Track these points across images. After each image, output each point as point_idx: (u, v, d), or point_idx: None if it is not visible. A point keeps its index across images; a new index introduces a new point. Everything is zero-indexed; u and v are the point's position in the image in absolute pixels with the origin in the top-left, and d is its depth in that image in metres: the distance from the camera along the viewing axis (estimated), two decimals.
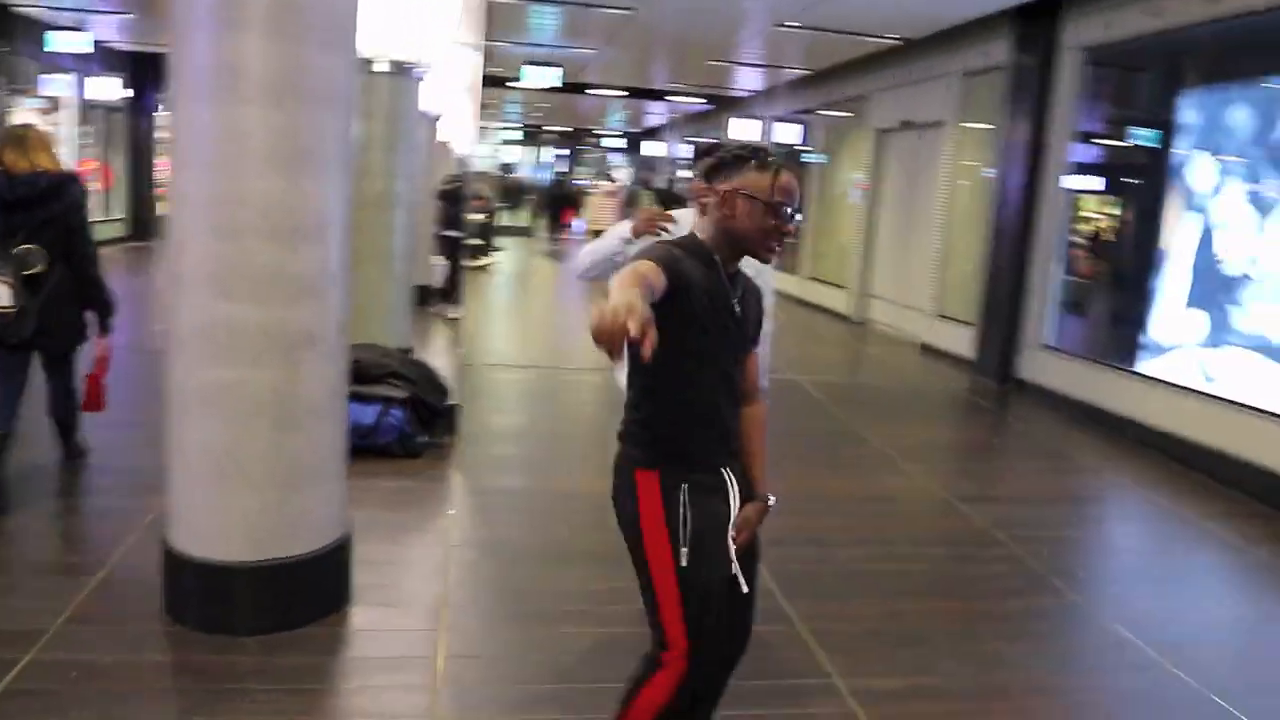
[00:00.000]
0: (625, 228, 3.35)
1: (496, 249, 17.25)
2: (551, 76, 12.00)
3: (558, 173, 31.09)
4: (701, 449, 2.33)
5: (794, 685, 3.35)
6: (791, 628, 3.77)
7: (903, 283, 11.59)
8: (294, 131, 3.15)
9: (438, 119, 10.20)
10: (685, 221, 3.16)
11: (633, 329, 1.66)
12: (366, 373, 5.40)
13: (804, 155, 15.59)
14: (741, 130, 16.19)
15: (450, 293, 10.27)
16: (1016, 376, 8.87)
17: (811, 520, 4.92)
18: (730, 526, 2.33)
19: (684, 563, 2.27)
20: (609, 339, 1.66)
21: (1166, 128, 7.62)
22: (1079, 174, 8.58)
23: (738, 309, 2.32)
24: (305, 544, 3.39)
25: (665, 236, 3.05)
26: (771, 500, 2.46)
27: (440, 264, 10.54)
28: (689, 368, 2.26)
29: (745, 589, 2.38)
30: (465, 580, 4.00)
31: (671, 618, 2.31)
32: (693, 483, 2.29)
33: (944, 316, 10.47)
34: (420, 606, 3.74)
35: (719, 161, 2.30)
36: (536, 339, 10.84)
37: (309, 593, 3.46)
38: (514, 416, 6.91)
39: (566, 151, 32.68)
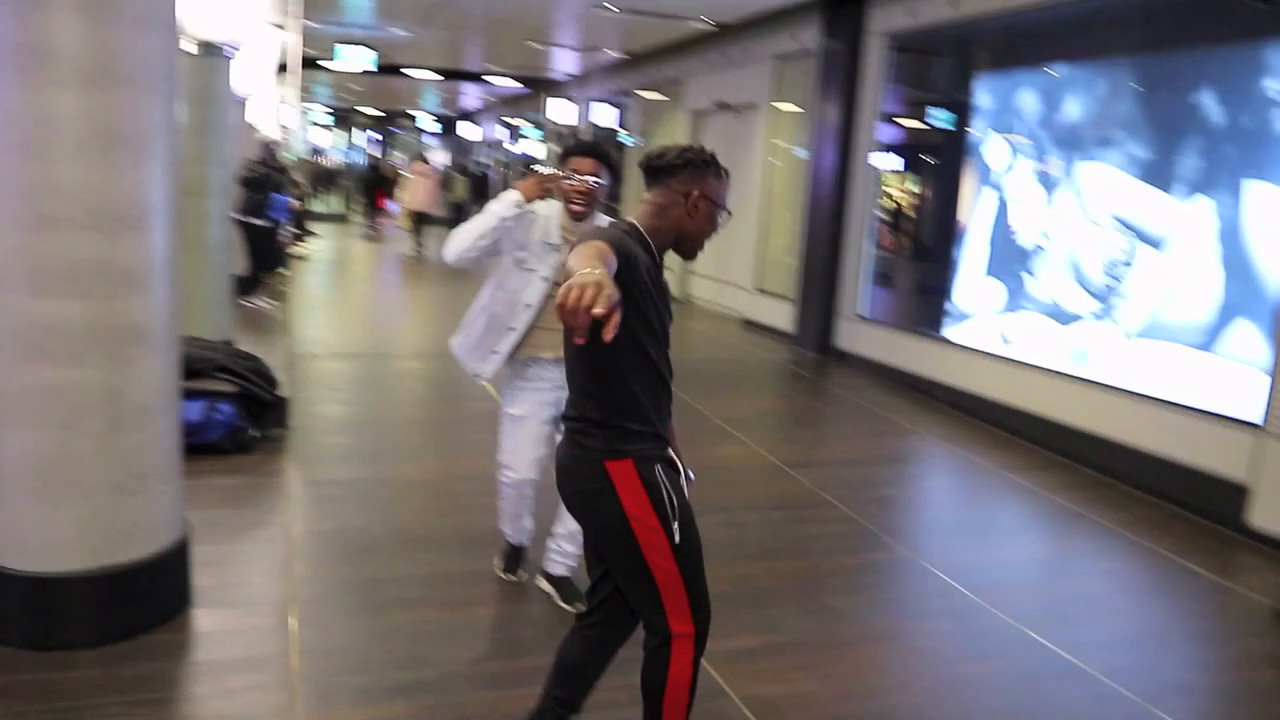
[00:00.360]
0: (512, 194, 3.39)
1: (311, 235, 16.67)
2: (366, 58, 11.66)
3: (372, 156, 30.24)
4: (663, 427, 2.39)
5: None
6: None
7: (723, 260, 11.90)
8: (111, 115, 2.98)
9: (245, 101, 9.78)
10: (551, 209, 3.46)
11: (600, 308, 1.64)
12: (192, 367, 5.15)
13: (620, 137, 15.78)
14: (560, 112, 16.22)
15: (252, 283, 9.70)
16: (835, 347, 9.32)
17: None
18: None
19: (677, 539, 2.32)
20: (576, 318, 1.64)
21: (964, 110, 8.14)
22: (886, 154, 9.07)
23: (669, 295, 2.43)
24: (143, 548, 3.25)
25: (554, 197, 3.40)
26: (692, 475, 2.54)
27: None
28: (649, 346, 2.30)
29: None
30: (311, 574, 3.91)
31: (676, 601, 2.37)
32: (663, 461, 2.35)
33: (763, 292, 10.84)
34: (267, 604, 3.63)
35: (680, 162, 2.40)
36: (360, 327, 10.55)
37: (149, 598, 3.31)
38: (344, 406, 6.76)
39: (379, 135, 31.83)
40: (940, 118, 8.86)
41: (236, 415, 5.17)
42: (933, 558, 4.57)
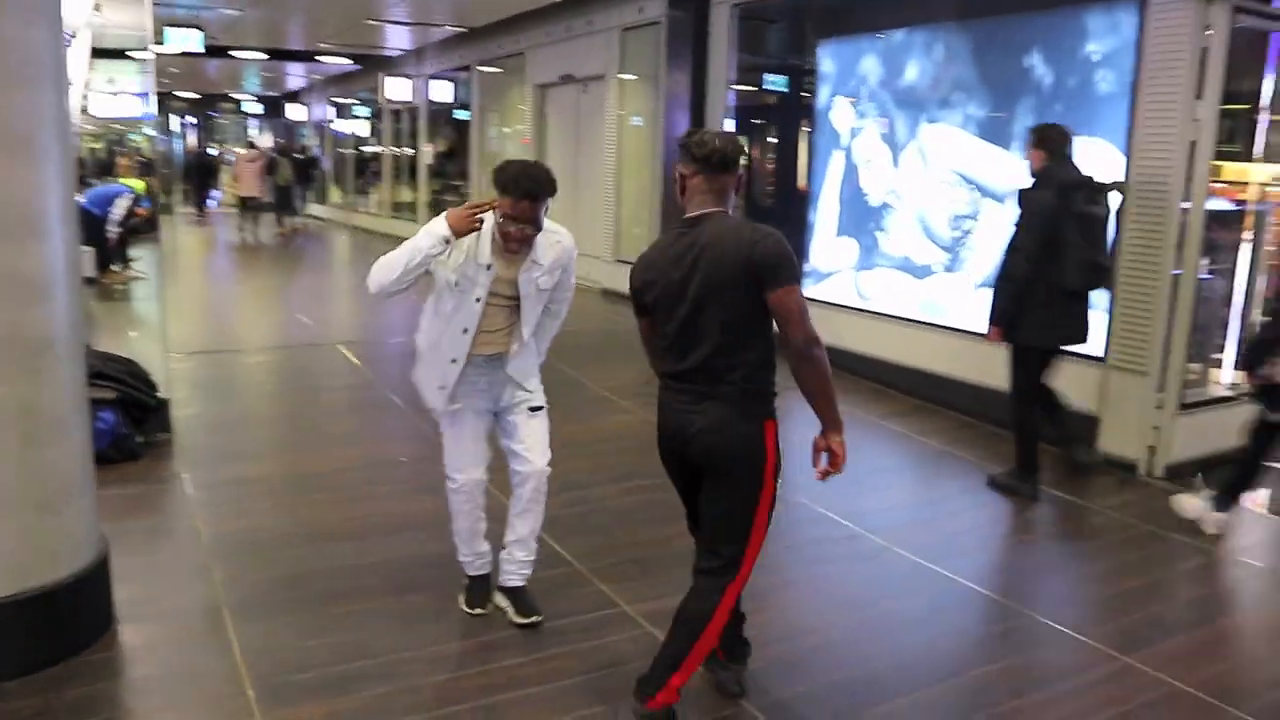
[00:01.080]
0: (440, 227, 3.07)
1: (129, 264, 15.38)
2: (193, 39, 11.08)
3: (198, 143, 28.70)
4: None
5: (591, 619, 3.57)
6: (572, 568, 3.98)
7: (578, 231, 11.87)
8: (7, 116, 2.83)
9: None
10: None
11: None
12: None
13: (457, 113, 15.57)
14: (396, 90, 15.85)
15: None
16: None
17: (559, 465, 5.10)
18: None
19: (776, 492, 2.76)
20: None
21: (810, 76, 8.45)
22: (738, 120, 9.32)
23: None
24: (65, 567, 3.12)
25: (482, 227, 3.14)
26: None
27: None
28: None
29: None
30: (233, 576, 3.82)
31: (755, 545, 2.78)
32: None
33: (622, 261, 10.97)
34: (195, 612, 3.55)
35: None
36: (206, 321, 10.12)
37: (74, 619, 3.19)
38: (214, 405, 6.54)
39: (195, 120, 30.19)
40: (788, 84, 9.17)
41: (120, 422, 4.96)
42: (832, 505, 4.83)
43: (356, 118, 21.83)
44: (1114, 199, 5.10)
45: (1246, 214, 5.95)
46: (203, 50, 11.31)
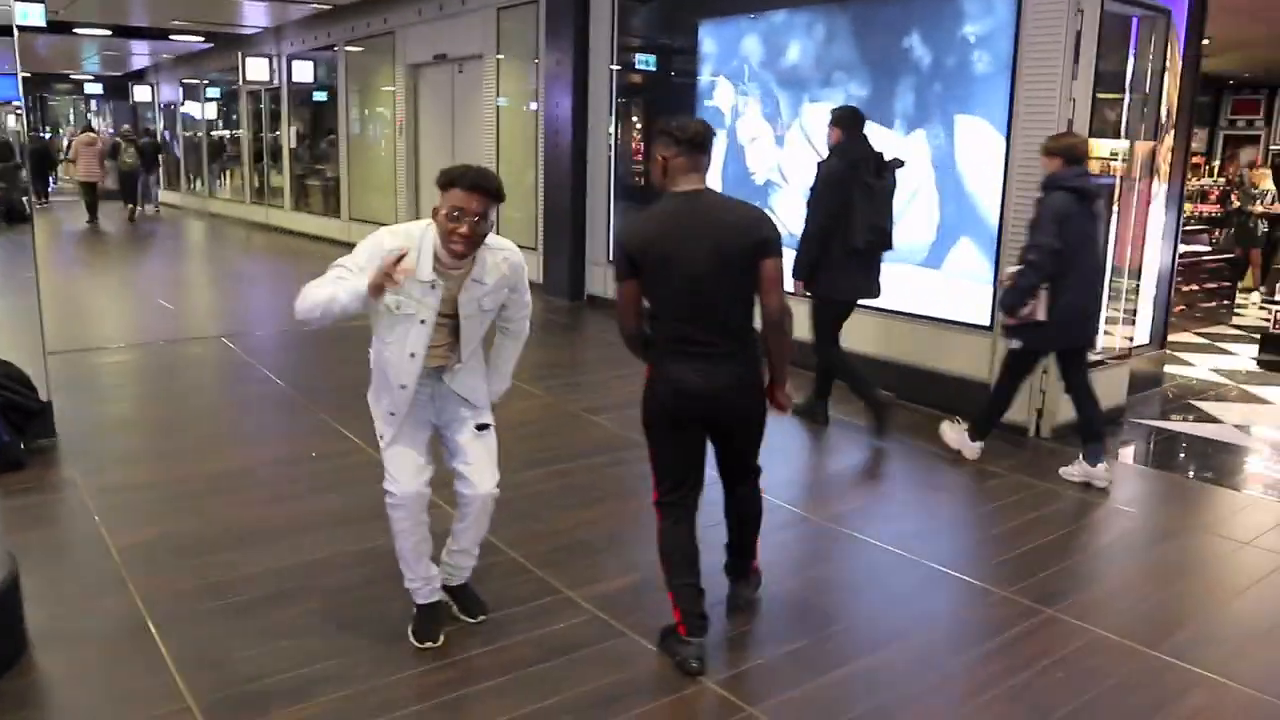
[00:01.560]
0: (359, 290, 2.88)
1: None
2: (35, 13, 10.31)
3: (31, 127, 26.85)
4: None
5: (537, 607, 3.55)
6: (507, 556, 3.94)
7: None
8: None
9: None
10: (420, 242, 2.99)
11: None
12: None
13: (316, 94, 15.06)
14: (256, 70, 15.20)
15: None
16: (587, 293, 9.55)
17: None
18: None
19: None
20: None
21: (693, 56, 8.52)
22: (621, 101, 9.30)
23: None
24: None
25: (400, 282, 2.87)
26: None
27: None
28: None
29: None
30: (154, 588, 3.61)
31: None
32: None
33: None
34: (117, 628, 3.35)
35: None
36: (81, 316, 9.49)
37: None
38: (109, 405, 6.20)
39: (26, 102, 28.24)
40: (670, 65, 9.20)
41: (0, 428, 4.64)
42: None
43: (209, 100, 20.78)
44: (901, 173, 5.66)
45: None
46: (44, 25, 10.48)
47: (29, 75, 25.53)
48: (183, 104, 22.09)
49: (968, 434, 5.35)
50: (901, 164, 5.62)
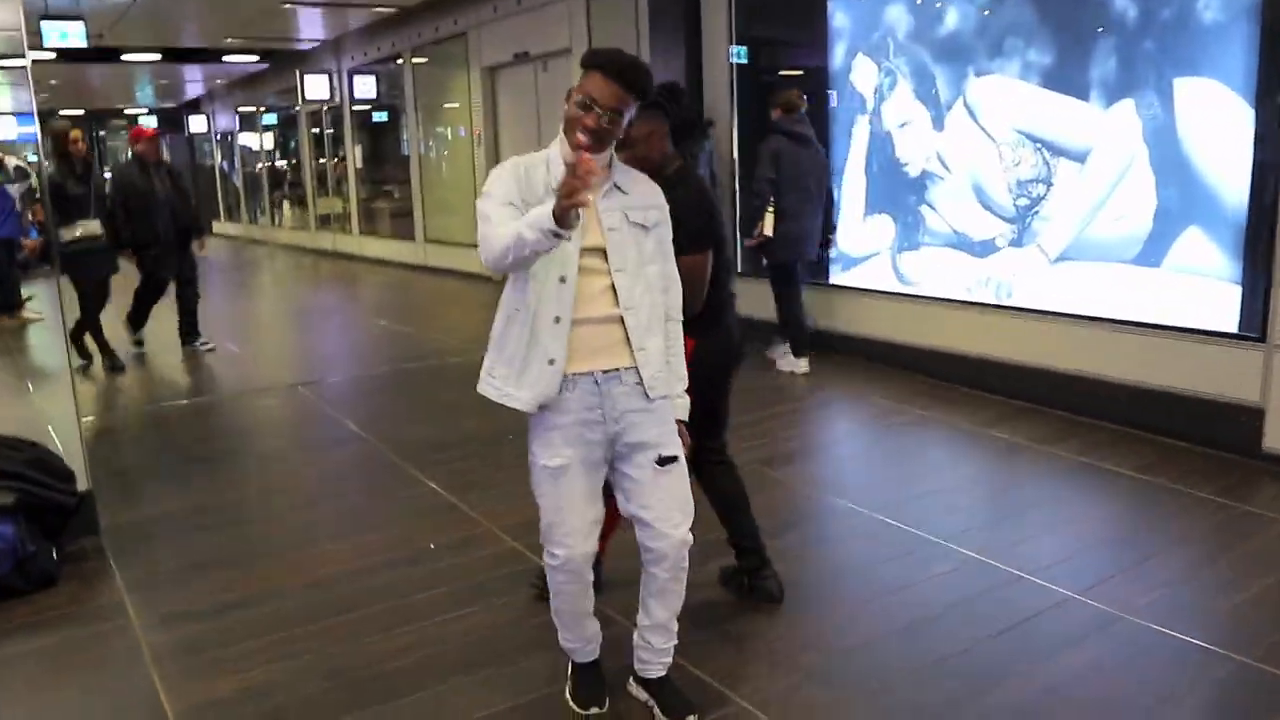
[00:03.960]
0: (543, 212, 2.19)
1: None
2: (75, 33, 9.42)
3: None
4: None
5: None
6: (690, 674, 2.70)
7: None
8: None
9: None
10: None
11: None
12: None
13: (379, 113, 14.20)
14: (315, 88, 14.29)
15: None
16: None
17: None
18: None
19: None
20: None
21: (823, 36, 7.29)
22: (743, 92, 8.06)
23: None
24: None
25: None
26: None
27: None
28: None
29: None
30: None
31: None
32: None
33: None
34: None
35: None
36: (143, 362, 8.49)
37: None
38: (173, 483, 4.92)
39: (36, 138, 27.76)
40: (797, 47, 7.99)
41: (22, 536, 3.50)
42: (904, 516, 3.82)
43: (266, 128, 20.05)
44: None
45: None
46: (85, 45, 9.64)
47: (82, 111, 25.17)
48: (239, 133, 21.40)
49: (791, 354, 6.57)
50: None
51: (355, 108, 15.04)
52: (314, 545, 3.99)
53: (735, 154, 8.02)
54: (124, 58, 14.24)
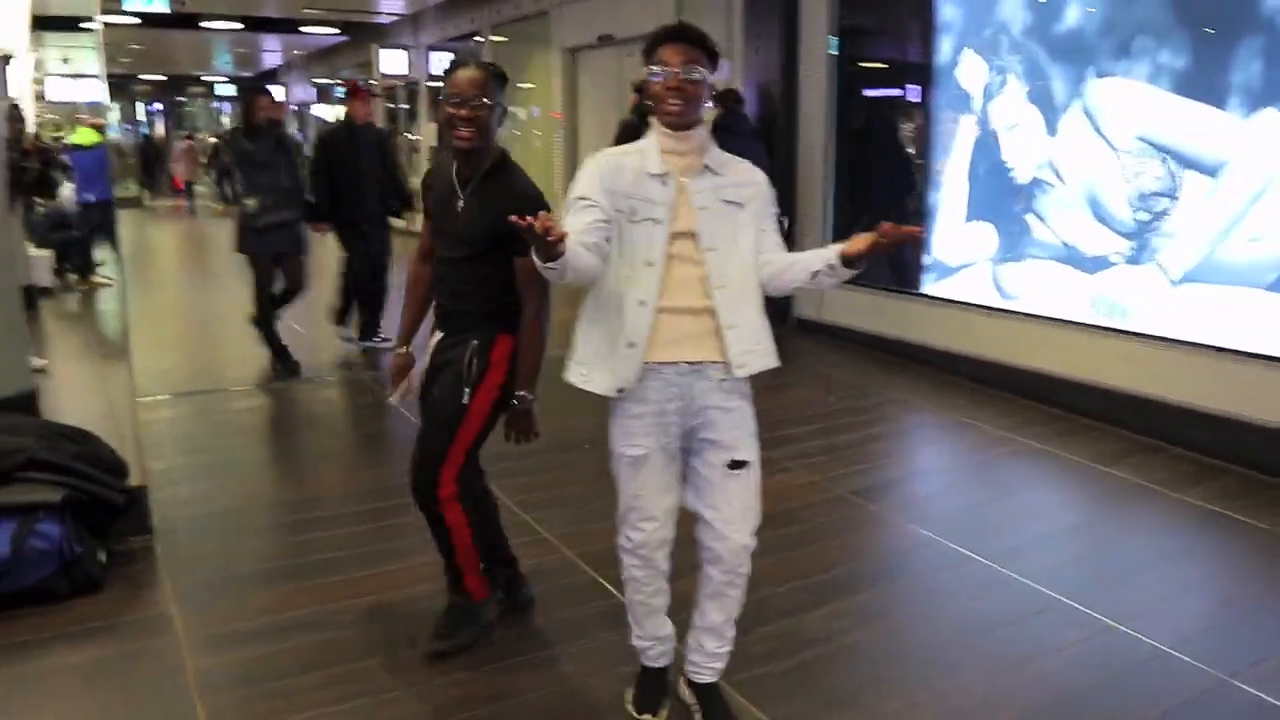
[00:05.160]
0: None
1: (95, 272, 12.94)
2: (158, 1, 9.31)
3: (166, 132, 26.90)
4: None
5: None
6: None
7: None
8: None
9: (7, 61, 7.39)
10: None
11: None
12: None
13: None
14: (391, 63, 14.11)
15: None
16: (796, 316, 7.91)
17: None
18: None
19: None
20: None
21: (928, 29, 6.85)
22: (840, 86, 7.64)
23: (459, 204, 2.83)
24: None
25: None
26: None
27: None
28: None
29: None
30: None
31: None
32: None
33: None
34: None
35: None
36: (200, 339, 8.31)
37: None
38: (231, 478, 4.62)
39: (161, 105, 28.16)
40: (901, 40, 7.53)
41: (68, 535, 3.26)
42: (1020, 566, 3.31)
43: (339, 101, 20.07)
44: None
45: None
46: (166, 11, 9.52)
47: (164, 78, 25.44)
48: (315, 105, 21.43)
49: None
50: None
51: (430, 84, 14.83)
52: (377, 562, 3.64)
53: (831, 150, 7.61)
54: (203, 25, 14.16)
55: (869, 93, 7.78)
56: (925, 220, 6.86)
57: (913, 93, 7.25)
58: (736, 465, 2.46)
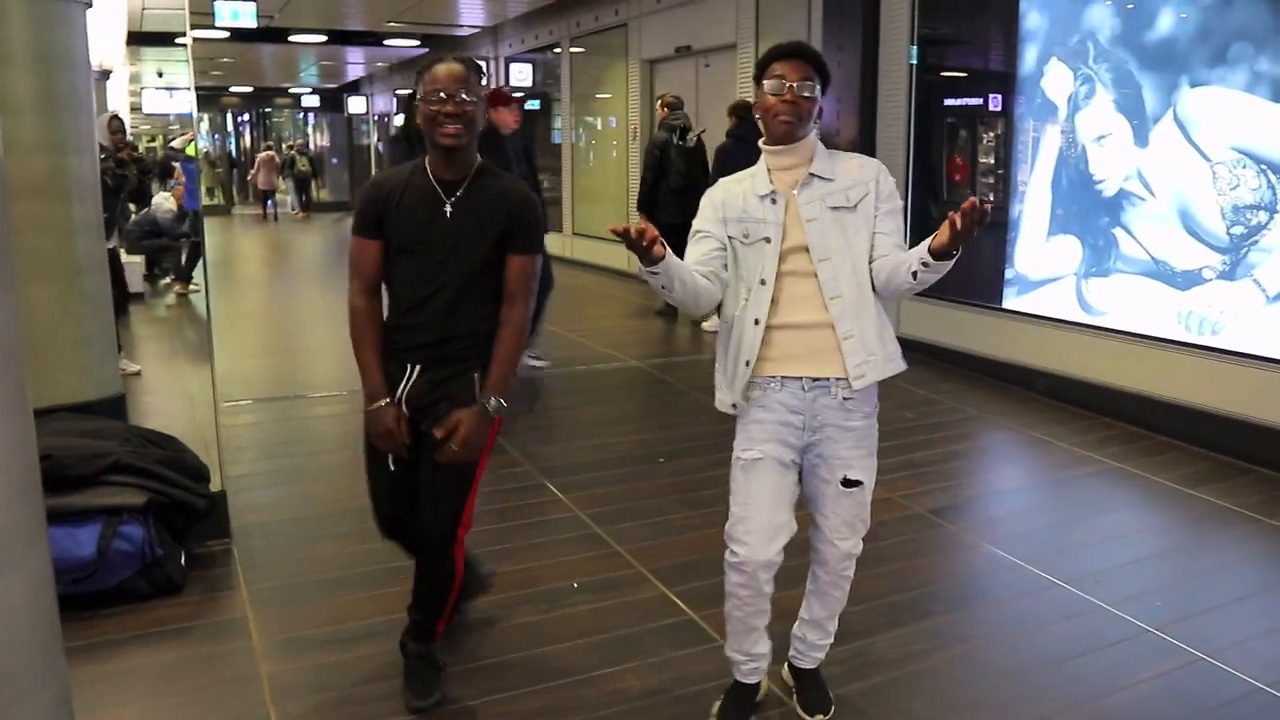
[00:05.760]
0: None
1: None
2: (246, 13, 9.59)
3: (252, 142, 27.70)
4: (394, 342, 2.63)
5: None
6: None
7: None
8: None
9: (107, 76, 7.64)
10: None
11: None
12: (68, 473, 3.32)
13: (531, 100, 14.07)
14: None
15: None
16: None
17: None
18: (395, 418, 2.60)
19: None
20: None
21: (1012, 36, 6.69)
22: (920, 95, 7.51)
23: (448, 211, 2.54)
24: None
25: None
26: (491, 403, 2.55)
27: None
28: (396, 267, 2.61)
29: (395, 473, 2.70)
30: None
31: None
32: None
33: None
34: None
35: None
36: (292, 354, 8.44)
37: None
38: (316, 483, 4.69)
39: (247, 116, 28.91)
40: (986, 46, 7.38)
41: (150, 538, 3.34)
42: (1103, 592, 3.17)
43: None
44: None
45: None
46: (254, 25, 9.81)
47: (250, 89, 26.11)
48: (395, 115, 21.81)
49: None
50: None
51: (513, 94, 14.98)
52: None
53: (910, 161, 7.47)
54: (291, 39, 14.54)
55: (949, 102, 7.63)
56: (1006, 233, 6.70)
57: (995, 102, 7.08)
58: (849, 484, 2.50)
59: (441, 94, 2.45)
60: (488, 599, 3.36)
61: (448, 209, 2.53)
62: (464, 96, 2.47)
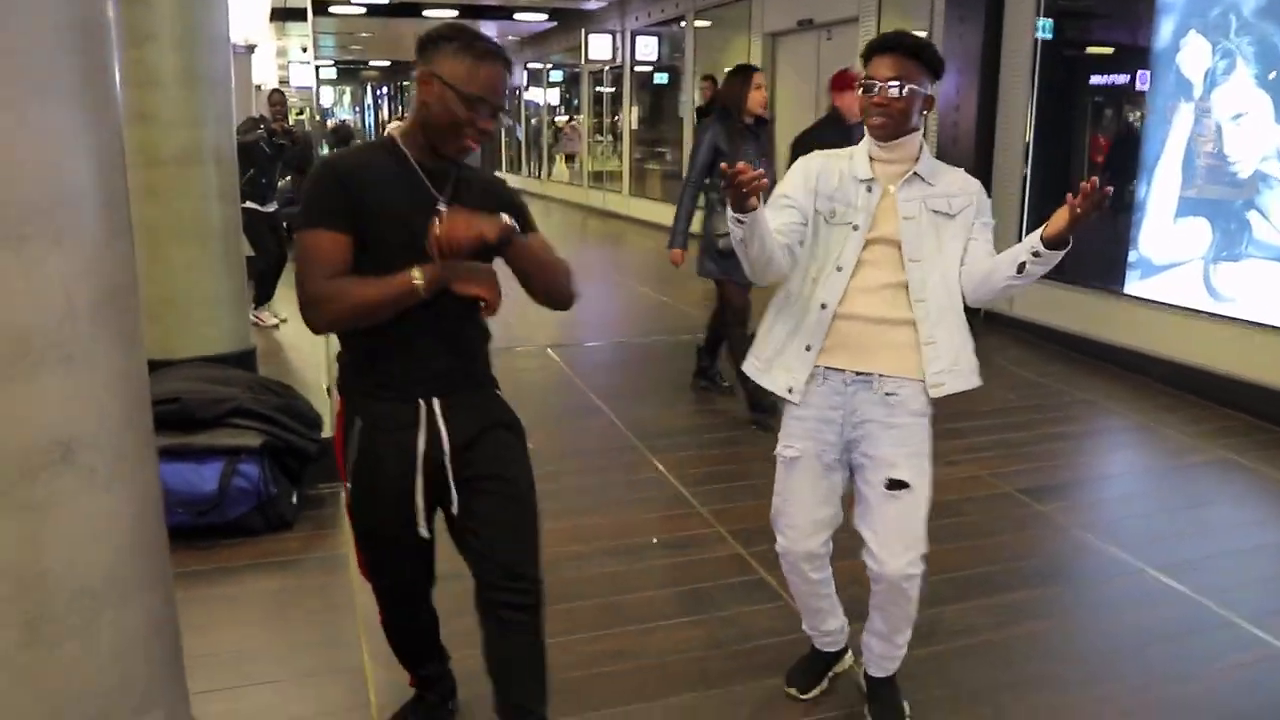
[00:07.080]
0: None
1: None
2: None
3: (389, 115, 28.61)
4: (386, 376, 2.10)
5: None
6: None
7: None
8: None
9: (251, 50, 8.07)
10: None
11: None
12: (195, 415, 3.62)
13: (659, 74, 14.13)
14: (599, 48, 14.46)
15: (261, 288, 7.16)
16: (985, 311, 7.65)
17: None
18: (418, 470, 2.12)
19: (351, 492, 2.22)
20: None
21: (1149, 10, 6.43)
22: (1046, 73, 7.30)
23: (443, 208, 1.99)
24: None
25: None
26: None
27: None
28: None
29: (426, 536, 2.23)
30: None
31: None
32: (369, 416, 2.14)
33: None
34: None
35: (425, 39, 2.03)
36: None
37: None
38: None
39: (386, 90, 29.90)
40: (1114, 22, 7.12)
41: (266, 478, 3.62)
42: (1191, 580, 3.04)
43: (551, 85, 20.80)
44: None
45: None
46: (389, 1, 10.15)
47: (388, 63, 26.96)
48: (526, 89, 22.22)
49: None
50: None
51: (636, 68, 15.11)
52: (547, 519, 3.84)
53: (1032, 141, 7.28)
54: (425, 13, 14.99)
55: (1076, 79, 7.39)
56: (1132, 215, 6.48)
57: (1124, 79, 6.83)
58: (895, 485, 2.36)
59: (486, 101, 1.99)
60: (571, 549, 3.53)
61: (442, 207, 2.00)
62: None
